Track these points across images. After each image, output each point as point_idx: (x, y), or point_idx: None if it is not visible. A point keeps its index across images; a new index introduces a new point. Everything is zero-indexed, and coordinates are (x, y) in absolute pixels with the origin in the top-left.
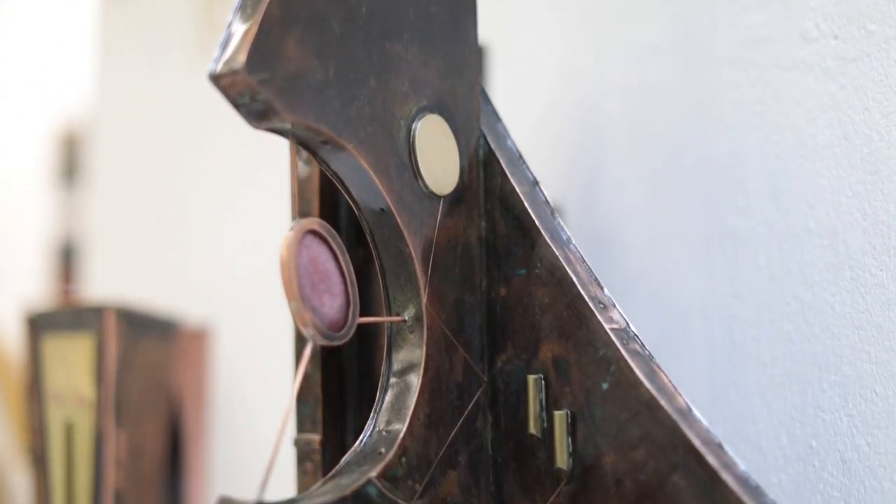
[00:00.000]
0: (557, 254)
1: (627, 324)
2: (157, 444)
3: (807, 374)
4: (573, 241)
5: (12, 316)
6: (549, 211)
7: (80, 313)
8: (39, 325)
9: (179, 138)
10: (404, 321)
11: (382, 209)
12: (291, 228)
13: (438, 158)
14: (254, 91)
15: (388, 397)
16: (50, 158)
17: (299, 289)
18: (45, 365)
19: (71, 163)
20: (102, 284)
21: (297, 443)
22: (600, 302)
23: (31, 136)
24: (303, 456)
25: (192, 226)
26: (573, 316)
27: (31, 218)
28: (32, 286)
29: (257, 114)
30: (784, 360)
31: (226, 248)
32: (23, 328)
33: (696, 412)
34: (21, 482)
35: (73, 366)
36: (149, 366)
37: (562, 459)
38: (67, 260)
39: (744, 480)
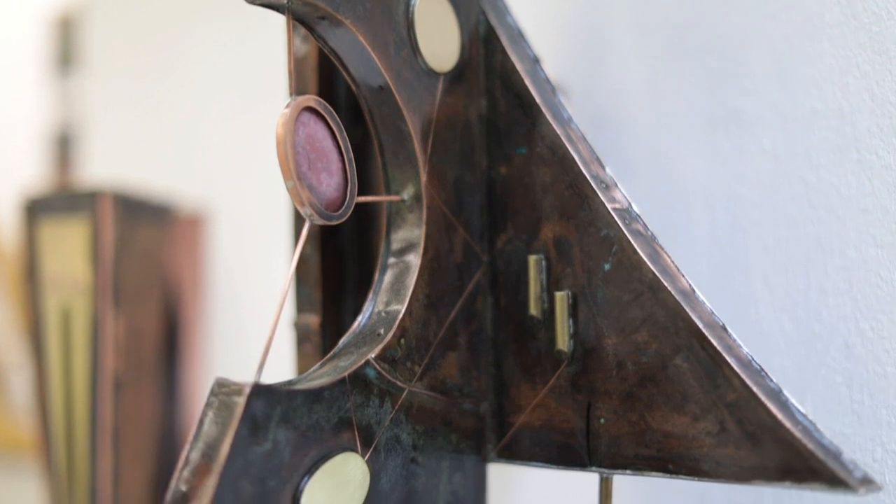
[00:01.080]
0: (558, 132)
1: (630, 204)
2: (155, 329)
3: (811, 257)
4: (574, 120)
5: (9, 202)
6: (550, 89)
7: (76, 197)
8: (36, 210)
9: (176, 21)
10: (403, 200)
11: (381, 86)
12: (288, 106)
13: (438, 35)
14: None
15: (387, 278)
16: (45, 44)
17: (296, 167)
18: (42, 250)
19: (66, 48)
20: (99, 171)
21: (296, 325)
22: (602, 181)
23: (24, 21)
24: (302, 338)
25: (188, 109)
26: (575, 195)
27: (26, 105)
28: (29, 174)
29: None
30: (787, 244)
31: (223, 131)
32: (19, 213)
33: (699, 294)
34: (19, 368)
35: (69, 250)
36: (145, 250)
37: (563, 341)
38: (64, 147)
39: (747, 363)
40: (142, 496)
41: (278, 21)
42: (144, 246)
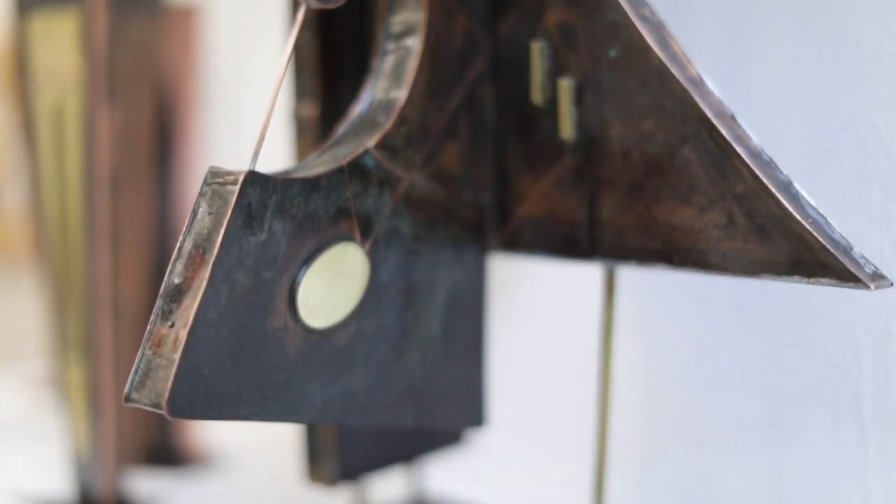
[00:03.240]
0: None
1: None
2: (151, 123)
3: (822, 48)
4: None
5: None
6: None
7: None
8: (25, 3)
9: None
10: None
11: None
12: None
13: None
14: None
15: (387, 63)
16: None
17: None
18: (33, 45)
19: None
20: None
21: (294, 115)
22: None
23: None
24: (300, 128)
25: None
26: None
27: None
28: None
29: None
30: (798, 35)
31: None
32: (8, 7)
33: (708, 83)
34: (13, 168)
35: (60, 44)
36: (139, 43)
37: (566, 130)
38: None
39: (757, 154)
40: (140, 291)
41: None
42: (137, 38)
